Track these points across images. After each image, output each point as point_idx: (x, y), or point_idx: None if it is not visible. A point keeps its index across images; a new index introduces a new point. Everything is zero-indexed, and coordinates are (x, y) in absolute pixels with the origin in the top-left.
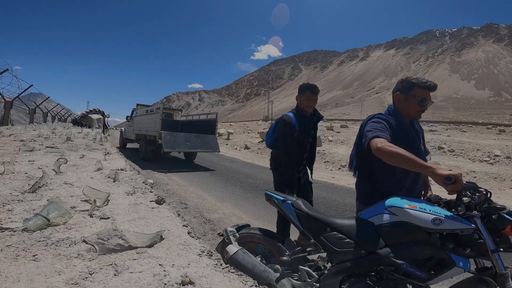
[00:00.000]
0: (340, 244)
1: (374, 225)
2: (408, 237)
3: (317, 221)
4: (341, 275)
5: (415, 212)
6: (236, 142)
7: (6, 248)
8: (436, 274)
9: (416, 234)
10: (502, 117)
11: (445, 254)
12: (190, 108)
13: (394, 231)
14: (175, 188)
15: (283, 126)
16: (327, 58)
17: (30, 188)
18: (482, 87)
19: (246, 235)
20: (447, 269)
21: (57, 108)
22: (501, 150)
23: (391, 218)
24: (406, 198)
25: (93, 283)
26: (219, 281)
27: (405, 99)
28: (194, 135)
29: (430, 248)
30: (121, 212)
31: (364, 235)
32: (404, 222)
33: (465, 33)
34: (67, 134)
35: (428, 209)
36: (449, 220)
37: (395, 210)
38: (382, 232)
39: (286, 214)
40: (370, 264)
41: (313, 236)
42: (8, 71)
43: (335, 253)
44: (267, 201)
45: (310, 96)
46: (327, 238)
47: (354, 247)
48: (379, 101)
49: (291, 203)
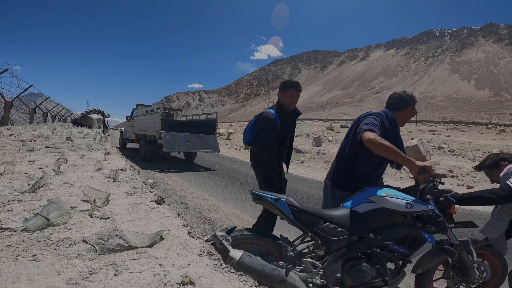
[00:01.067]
0: (334, 233)
1: (359, 213)
2: (388, 220)
3: (310, 215)
4: (340, 261)
5: (392, 199)
6: (236, 142)
7: (6, 248)
8: (414, 249)
9: (394, 217)
10: (502, 117)
11: (417, 232)
12: (190, 108)
13: (376, 217)
14: (175, 188)
15: (264, 122)
16: (327, 58)
17: (30, 188)
18: (482, 87)
19: (239, 237)
20: (421, 244)
21: (57, 108)
22: (501, 150)
23: (371, 206)
24: (379, 188)
25: (93, 283)
26: (219, 281)
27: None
28: (194, 135)
29: (406, 229)
30: (121, 212)
31: (353, 223)
32: (383, 208)
33: (465, 33)
34: (67, 134)
35: (400, 196)
36: (416, 203)
37: (374, 198)
38: (366, 218)
39: (280, 212)
40: (363, 247)
41: (309, 229)
42: (8, 71)
43: (331, 242)
44: (254, 200)
45: (293, 93)
46: (322, 230)
47: (347, 234)
48: (379, 101)
49: (285, 200)
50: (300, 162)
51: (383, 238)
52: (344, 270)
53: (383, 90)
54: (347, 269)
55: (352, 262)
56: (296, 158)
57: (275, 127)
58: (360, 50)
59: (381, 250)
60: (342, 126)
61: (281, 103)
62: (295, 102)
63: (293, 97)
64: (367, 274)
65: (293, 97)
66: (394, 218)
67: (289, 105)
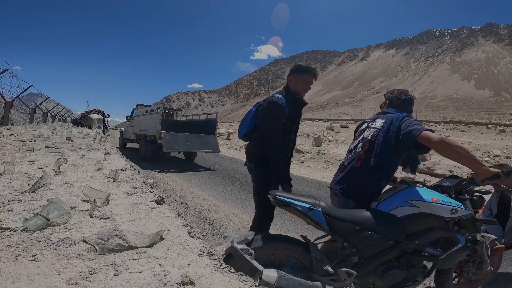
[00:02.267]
0: (371, 240)
1: (397, 217)
2: (428, 224)
3: (346, 223)
4: (374, 265)
5: (438, 205)
6: (236, 142)
7: (6, 248)
8: (445, 251)
9: (434, 222)
10: (502, 117)
11: (453, 235)
12: (190, 108)
13: (416, 221)
14: (175, 188)
15: (273, 108)
16: (327, 58)
17: (30, 188)
18: (482, 87)
19: (262, 248)
20: (453, 246)
21: (57, 108)
22: (501, 150)
23: (412, 210)
24: (422, 191)
25: (93, 283)
26: (219, 281)
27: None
28: (194, 135)
29: (443, 232)
30: (121, 212)
31: (390, 228)
32: (425, 213)
33: (465, 33)
34: (67, 134)
35: (446, 201)
36: (461, 209)
37: (418, 203)
38: (404, 223)
39: (313, 222)
40: (397, 252)
41: (345, 238)
42: (8, 71)
43: (367, 248)
44: (278, 206)
45: (309, 79)
46: (358, 237)
47: (383, 240)
48: (379, 101)
49: (320, 210)
50: (300, 162)
51: (420, 243)
52: (376, 274)
53: (383, 90)
54: (379, 273)
55: (384, 266)
56: (296, 158)
57: (284, 115)
58: (360, 50)
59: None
60: (342, 126)
61: (290, 89)
62: (308, 90)
63: (308, 83)
64: (399, 277)
65: (307, 84)
66: (435, 223)
67: (302, 91)
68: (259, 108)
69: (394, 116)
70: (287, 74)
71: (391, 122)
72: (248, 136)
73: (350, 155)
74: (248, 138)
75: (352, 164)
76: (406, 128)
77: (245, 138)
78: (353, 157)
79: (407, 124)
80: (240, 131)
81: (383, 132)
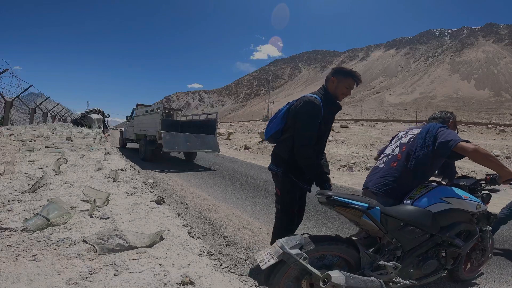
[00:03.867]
0: (413, 233)
1: (432, 212)
2: (456, 219)
3: (396, 220)
4: (413, 258)
5: (468, 201)
6: (236, 142)
7: (6, 248)
8: (467, 242)
9: (462, 216)
10: (502, 117)
11: (474, 227)
12: (190, 108)
13: (448, 216)
14: (175, 188)
15: (311, 107)
16: (327, 58)
17: (30, 188)
18: (482, 87)
19: (313, 250)
20: (473, 237)
21: (57, 108)
22: (501, 150)
23: (446, 206)
24: (453, 189)
25: (93, 283)
26: (219, 281)
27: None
28: (194, 135)
29: (467, 225)
30: (121, 212)
31: (428, 222)
32: (457, 209)
33: (465, 33)
34: (67, 134)
35: (472, 198)
36: (482, 205)
37: (451, 199)
38: (438, 217)
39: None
40: (432, 244)
41: (392, 234)
42: (8, 71)
43: (409, 242)
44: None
45: (352, 85)
46: (403, 232)
47: (422, 233)
48: (379, 101)
49: (380, 208)
50: None
51: (450, 235)
52: (414, 265)
53: (383, 90)
54: (417, 263)
55: (421, 257)
56: None
57: (320, 116)
58: (360, 50)
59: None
60: (342, 126)
61: (329, 91)
62: (348, 95)
63: (350, 88)
64: (433, 266)
65: (349, 88)
66: (462, 217)
67: (341, 96)
68: (291, 108)
69: (431, 125)
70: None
71: (427, 130)
72: (275, 138)
73: (387, 158)
74: (274, 139)
75: (390, 165)
76: (443, 138)
77: (271, 139)
78: (390, 160)
79: (444, 134)
80: (267, 131)
81: (421, 138)
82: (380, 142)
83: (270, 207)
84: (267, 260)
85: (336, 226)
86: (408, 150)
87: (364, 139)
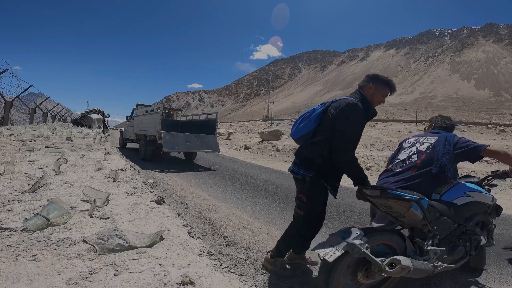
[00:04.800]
0: (446, 223)
1: (458, 205)
2: (476, 210)
3: (436, 210)
4: (446, 245)
5: (485, 194)
6: (236, 142)
7: (6, 248)
8: (483, 231)
9: (481, 208)
10: (502, 117)
11: (488, 218)
12: (190, 108)
13: (470, 207)
14: (175, 188)
15: (354, 110)
16: (327, 58)
17: (30, 188)
18: (482, 87)
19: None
20: (487, 226)
21: (57, 108)
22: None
23: (468, 199)
24: (472, 184)
25: (93, 283)
26: (219, 281)
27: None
28: (194, 135)
29: (483, 216)
30: (121, 212)
31: (456, 213)
32: (477, 201)
33: (465, 33)
34: (67, 134)
35: (488, 193)
36: (495, 198)
37: (473, 193)
38: (462, 209)
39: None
40: (458, 232)
41: (433, 223)
42: (8, 71)
43: (444, 231)
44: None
45: (387, 94)
46: (440, 222)
47: (452, 223)
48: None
49: (427, 200)
50: None
51: (473, 224)
52: (447, 250)
53: None
54: (448, 250)
55: (451, 245)
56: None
57: (362, 121)
58: (360, 50)
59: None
60: None
61: (366, 96)
62: (382, 103)
63: (385, 97)
64: (461, 252)
65: (384, 97)
66: (481, 209)
67: (376, 103)
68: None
69: (447, 134)
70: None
71: (445, 138)
72: (305, 139)
73: (404, 163)
74: (304, 141)
75: (409, 171)
76: (467, 145)
77: (301, 140)
78: (408, 166)
79: (464, 142)
80: (297, 131)
81: (441, 146)
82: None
83: (270, 207)
84: (332, 253)
85: (336, 226)
86: (429, 158)
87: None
